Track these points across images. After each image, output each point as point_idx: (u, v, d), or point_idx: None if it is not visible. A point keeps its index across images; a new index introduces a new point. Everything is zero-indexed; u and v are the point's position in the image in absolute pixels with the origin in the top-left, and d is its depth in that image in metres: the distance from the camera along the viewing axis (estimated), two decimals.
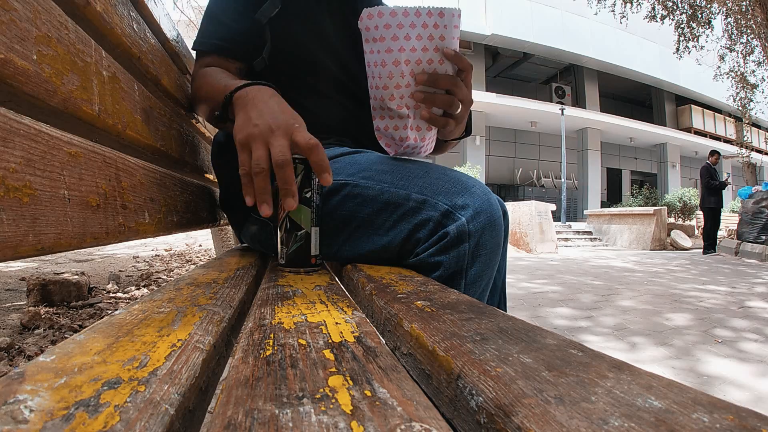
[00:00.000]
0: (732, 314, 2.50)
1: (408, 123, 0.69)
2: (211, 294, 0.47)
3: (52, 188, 0.38)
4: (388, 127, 0.71)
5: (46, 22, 0.40)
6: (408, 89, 0.66)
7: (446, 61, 0.66)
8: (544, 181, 16.20)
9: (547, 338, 0.30)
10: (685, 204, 11.82)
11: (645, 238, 8.21)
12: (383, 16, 0.63)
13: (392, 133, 0.71)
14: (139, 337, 0.30)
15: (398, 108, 0.67)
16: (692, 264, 5.45)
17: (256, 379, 0.23)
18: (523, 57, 14.95)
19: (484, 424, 0.22)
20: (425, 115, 0.67)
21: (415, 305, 0.41)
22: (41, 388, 0.20)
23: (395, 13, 0.63)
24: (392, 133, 0.71)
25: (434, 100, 0.67)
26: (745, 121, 10.69)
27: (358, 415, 0.19)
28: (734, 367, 1.63)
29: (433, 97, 0.66)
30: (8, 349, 1.26)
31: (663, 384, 0.22)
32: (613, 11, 9.47)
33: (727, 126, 17.39)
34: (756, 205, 6.24)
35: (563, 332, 2.03)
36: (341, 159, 0.75)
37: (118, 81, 0.54)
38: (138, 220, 0.56)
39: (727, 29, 9.23)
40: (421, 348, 0.31)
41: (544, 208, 7.19)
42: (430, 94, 0.66)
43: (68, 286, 1.86)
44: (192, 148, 0.94)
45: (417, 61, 0.65)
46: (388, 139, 0.74)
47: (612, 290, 3.27)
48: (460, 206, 0.62)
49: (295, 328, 0.33)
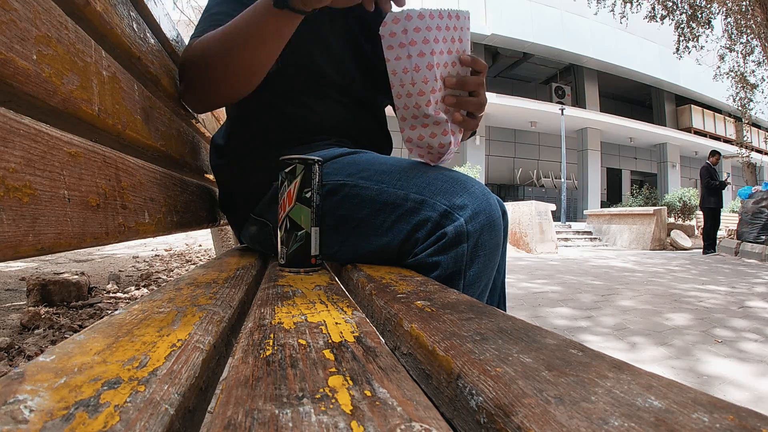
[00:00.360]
0: (732, 314, 2.50)
1: (447, 128, 0.66)
2: (211, 294, 0.47)
3: (52, 188, 0.38)
4: (423, 136, 0.67)
5: (46, 22, 0.40)
6: (440, 93, 0.65)
7: (458, 63, 0.66)
8: (544, 181, 16.20)
9: (547, 338, 0.30)
10: (685, 204, 11.82)
11: (645, 238, 8.21)
12: (411, 19, 0.61)
13: (429, 141, 0.68)
14: (139, 337, 0.30)
15: (436, 113, 0.64)
16: (692, 264, 5.45)
17: (256, 379, 0.23)
18: (523, 57, 14.95)
19: (484, 424, 0.22)
20: (459, 118, 0.66)
21: (415, 305, 0.41)
22: (41, 388, 0.20)
23: (423, 16, 0.61)
24: (429, 141, 0.68)
25: (464, 103, 0.66)
26: (745, 121, 10.69)
27: (358, 415, 0.19)
28: (734, 367, 1.63)
29: (463, 100, 0.66)
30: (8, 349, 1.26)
31: (663, 384, 0.22)
32: (613, 11, 9.46)
33: (727, 126, 17.39)
34: (756, 205, 6.24)
35: (563, 332, 2.03)
36: (340, 159, 0.75)
37: (117, 81, 0.54)
38: (138, 220, 0.56)
39: (727, 29, 9.23)
40: (421, 348, 0.31)
41: (544, 208, 7.19)
42: (461, 98, 0.66)
43: (68, 286, 1.86)
44: (192, 148, 0.94)
45: (444, 64, 0.64)
46: (423, 150, 0.70)
47: (612, 290, 3.27)
48: (459, 206, 0.62)
49: (295, 328, 0.33)
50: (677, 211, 11.85)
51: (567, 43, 13.91)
